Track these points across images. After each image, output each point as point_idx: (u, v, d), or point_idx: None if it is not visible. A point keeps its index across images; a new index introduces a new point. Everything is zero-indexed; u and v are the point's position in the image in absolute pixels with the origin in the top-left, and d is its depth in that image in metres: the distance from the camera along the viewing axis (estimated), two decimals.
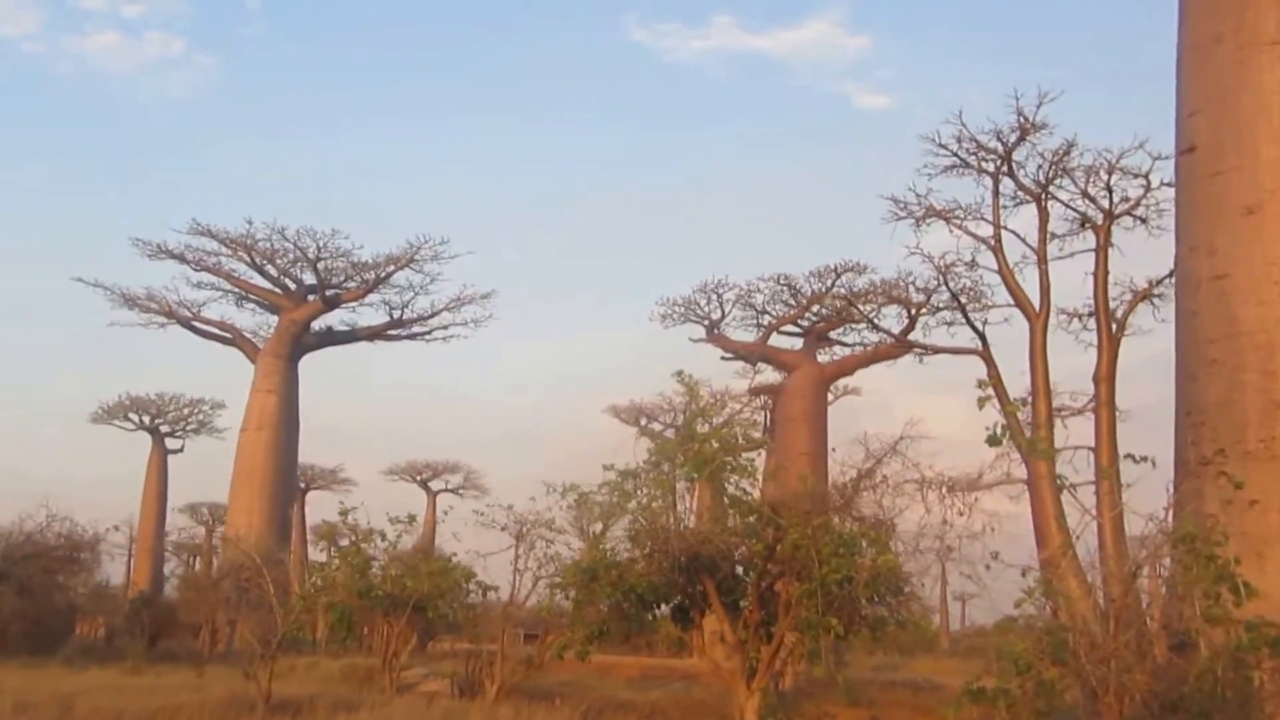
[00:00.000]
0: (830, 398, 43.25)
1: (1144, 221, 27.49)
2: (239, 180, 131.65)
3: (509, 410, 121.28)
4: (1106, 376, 26.30)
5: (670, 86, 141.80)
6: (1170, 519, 11.23)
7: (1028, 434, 24.78)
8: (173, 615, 39.05)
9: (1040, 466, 24.33)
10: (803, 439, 38.71)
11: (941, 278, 30.62)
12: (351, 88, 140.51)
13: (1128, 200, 27.23)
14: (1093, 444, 25.56)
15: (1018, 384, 27.43)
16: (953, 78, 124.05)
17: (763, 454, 37.67)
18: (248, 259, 47.43)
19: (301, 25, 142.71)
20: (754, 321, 42.80)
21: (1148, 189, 26.90)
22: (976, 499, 16.06)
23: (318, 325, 49.46)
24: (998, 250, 28.02)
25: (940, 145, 27.93)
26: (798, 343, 42.80)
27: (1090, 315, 27.68)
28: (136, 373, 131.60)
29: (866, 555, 14.91)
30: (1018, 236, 28.20)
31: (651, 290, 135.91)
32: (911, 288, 35.08)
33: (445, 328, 50.03)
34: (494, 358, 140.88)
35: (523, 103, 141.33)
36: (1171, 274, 21.83)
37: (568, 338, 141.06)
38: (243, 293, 48.95)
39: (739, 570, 16.19)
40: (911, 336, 36.07)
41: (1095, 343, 26.90)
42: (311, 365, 50.66)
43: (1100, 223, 27.28)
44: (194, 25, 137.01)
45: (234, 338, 49.62)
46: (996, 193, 28.15)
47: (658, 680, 27.10)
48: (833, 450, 19.82)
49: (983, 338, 29.71)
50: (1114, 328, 26.71)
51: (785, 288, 41.49)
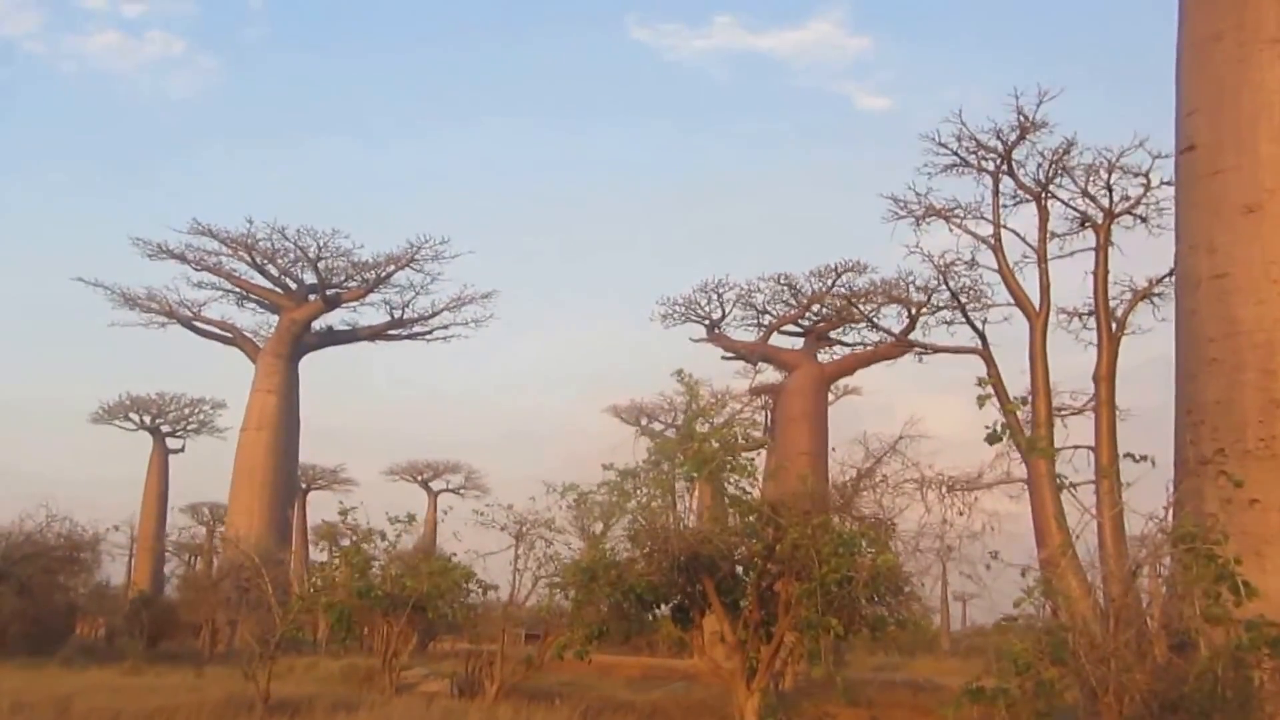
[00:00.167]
0: (831, 397, 43.19)
1: (1144, 220, 27.51)
2: (240, 181, 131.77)
3: (510, 410, 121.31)
4: (1106, 376, 26.31)
5: (671, 86, 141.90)
6: (1170, 518, 11.22)
7: (1028, 433, 24.77)
8: (173, 615, 39.01)
9: (1040, 466, 24.35)
10: (803, 439, 38.65)
11: (941, 277, 30.66)
12: (353, 89, 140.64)
13: (1128, 199, 27.26)
14: (1093, 443, 25.56)
15: (1018, 383, 27.45)
16: (954, 79, 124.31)
17: (763, 453, 37.86)
18: (248, 259, 47.40)
19: (304, 26, 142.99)
20: (754, 321, 42.75)
21: (1148, 188, 26.94)
22: (976, 498, 16.10)
23: (318, 325, 49.43)
24: (997, 249, 28.03)
25: (940, 144, 27.96)
26: (798, 342, 42.73)
27: (1090, 314, 27.69)
28: (137, 373, 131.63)
29: (866, 555, 14.89)
30: (1018, 235, 28.25)
31: (653, 290, 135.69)
32: (911, 287, 35.12)
33: (446, 327, 50.05)
34: (495, 358, 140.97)
35: (523, 102, 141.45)
36: (1171, 273, 21.84)
37: (569, 338, 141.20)
38: (243, 292, 48.91)
39: (739, 570, 16.17)
40: (912, 336, 36.08)
41: (1095, 342, 26.92)
42: (312, 365, 50.69)
43: (1100, 222, 27.28)
44: (195, 25, 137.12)
45: (234, 337, 49.59)
46: (996, 192, 28.18)
47: (658, 680, 27.08)
48: (833, 450, 19.85)
49: (982, 337, 29.73)
50: (1114, 327, 26.71)
51: (786, 287, 41.42)
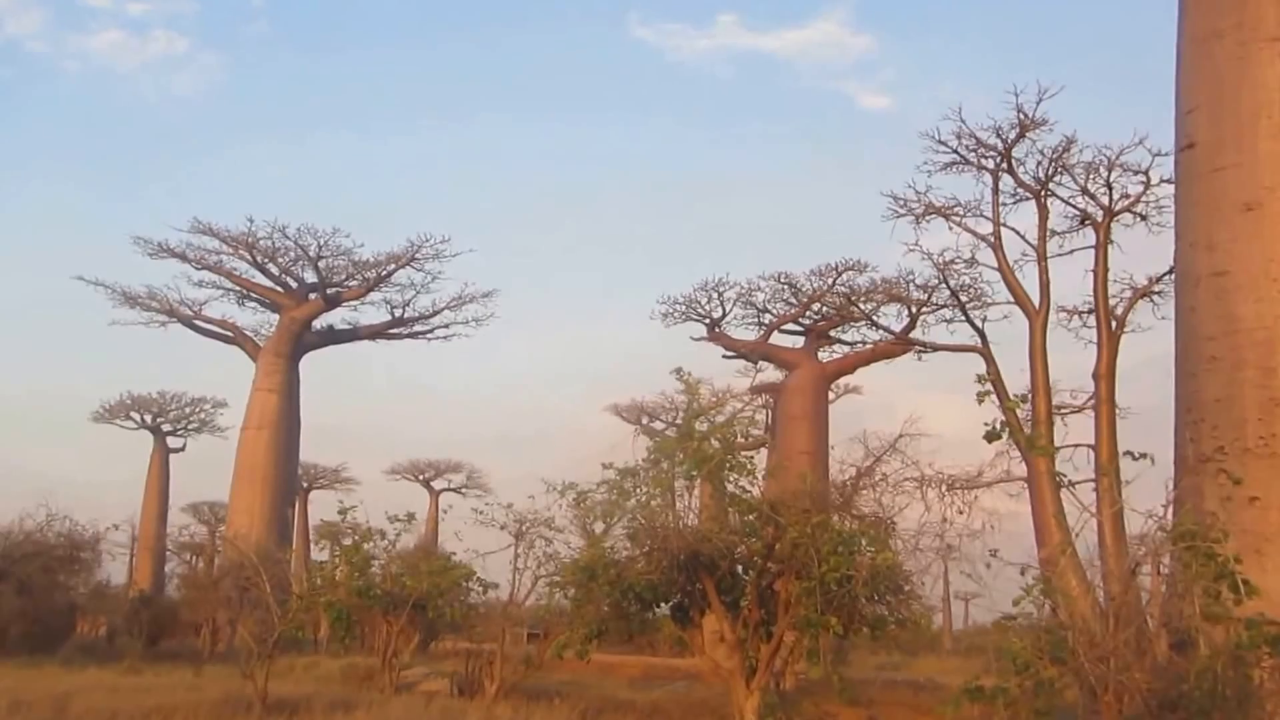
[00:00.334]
0: (831, 396, 43.18)
1: (1144, 218, 27.49)
2: (242, 179, 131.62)
3: (511, 409, 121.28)
4: (1106, 374, 26.29)
5: (673, 86, 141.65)
6: (1169, 516, 11.20)
7: (1027, 431, 24.76)
8: (174, 614, 38.98)
9: (1040, 464, 24.37)
10: (804, 437, 38.65)
11: (941, 275, 30.64)
12: (355, 86, 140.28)
13: (1127, 197, 27.24)
14: (1092, 441, 25.55)
15: (1017, 381, 27.43)
16: (957, 78, 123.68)
17: (764, 452, 37.84)
18: (249, 257, 47.31)
19: (305, 24, 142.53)
20: (755, 320, 42.68)
21: (1147, 185, 26.91)
22: (976, 497, 16.16)
23: (319, 324, 49.33)
24: (997, 247, 28.01)
25: (940, 142, 27.94)
26: (799, 341, 42.68)
27: (1090, 312, 27.67)
28: (138, 371, 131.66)
29: (866, 554, 14.87)
30: (1017, 234, 28.24)
31: (654, 289, 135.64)
32: (911, 286, 35.09)
33: (447, 326, 49.91)
34: (496, 356, 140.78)
35: (525, 101, 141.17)
36: (1171, 271, 21.80)
37: (570, 337, 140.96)
38: (244, 291, 48.84)
39: (738, 569, 16.14)
40: (912, 335, 36.06)
41: (1095, 340, 26.91)
42: (314, 364, 50.58)
43: (1100, 220, 27.26)
44: (198, 24, 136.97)
45: (235, 336, 49.54)
46: (996, 190, 28.15)
47: (660, 680, 27.02)
48: (832, 449, 19.85)
49: (982, 335, 29.71)
50: (1114, 325, 26.70)
51: (786, 286, 41.34)
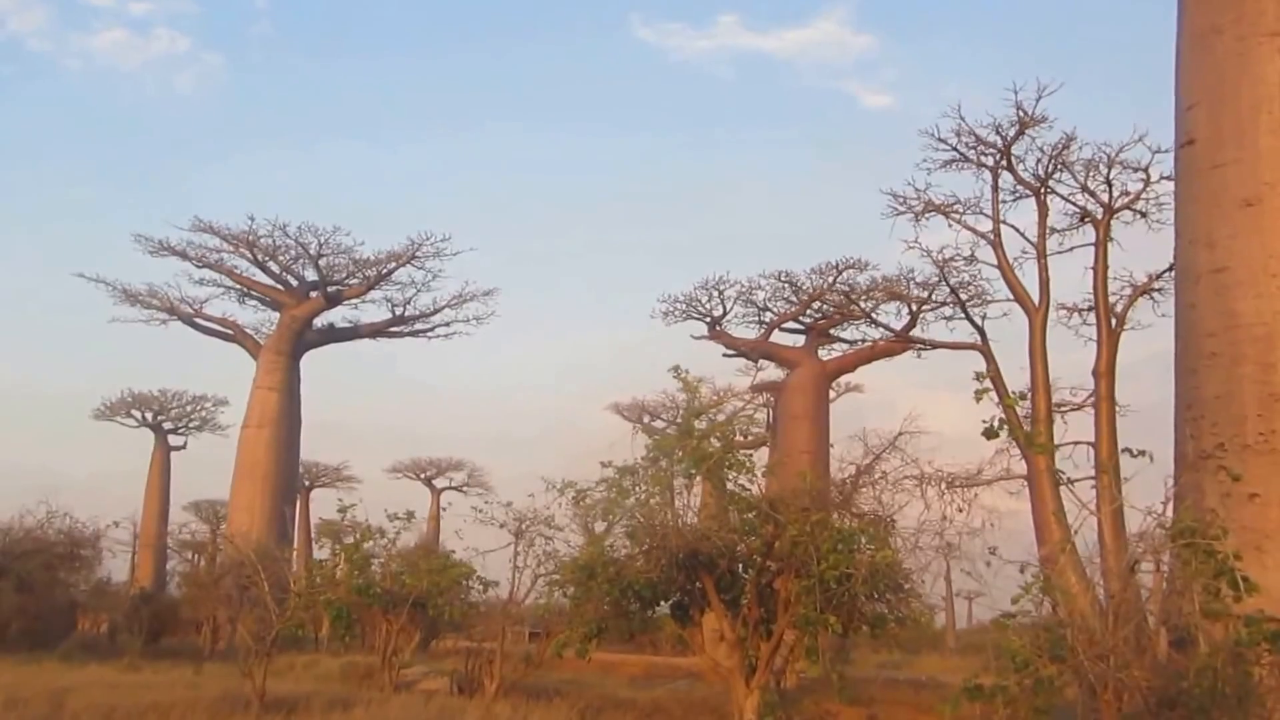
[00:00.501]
0: (832, 395, 43.16)
1: (1144, 215, 27.49)
2: (243, 178, 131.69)
3: (512, 407, 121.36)
4: (1106, 371, 26.29)
5: (675, 86, 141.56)
6: (1169, 513, 11.16)
7: (1027, 428, 24.73)
8: (175, 612, 39.02)
9: (1040, 461, 24.36)
10: (805, 436, 38.62)
11: (941, 273, 30.62)
12: (358, 88, 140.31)
13: (1127, 194, 27.23)
14: (1092, 439, 25.53)
15: (1017, 379, 27.44)
16: (958, 77, 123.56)
17: (765, 450, 37.82)
18: (249, 256, 47.26)
19: (309, 25, 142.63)
20: (755, 318, 42.66)
21: (1147, 183, 26.91)
22: (976, 494, 16.11)
23: (320, 322, 49.28)
24: (997, 245, 28.00)
25: (939, 139, 27.92)
26: (799, 339, 42.64)
27: (1090, 310, 27.67)
28: (139, 369, 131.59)
29: (865, 551, 14.84)
30: (1017, 231, 28.25)
31: (655, 287, 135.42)
32: (912, 284, 35.07)
33: (448, 325, 49.86)
34: (497, 355, 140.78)
35: (525, 101, 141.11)
36: (1171, 268, 21.78)
37: (571, 336, 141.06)
38: (245, 289, 48.79)
39: (738, 567, 16.11)
40: (912, 333, 36.04)
41: (1095, 337, 26.91)
42: (315, 362, 50.51)
43: (1100, 217, 27.25)
44: (201, 23, 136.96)
45: (236, 334, 49.50)
46: (996, 187, 28.15)
47: (662, 678, 26.99)
48: (833, 447, 19.82)
49: (982, 333, 29.74)
50: (1114, 322, 26.70)
51: (787, 284, 41.31)
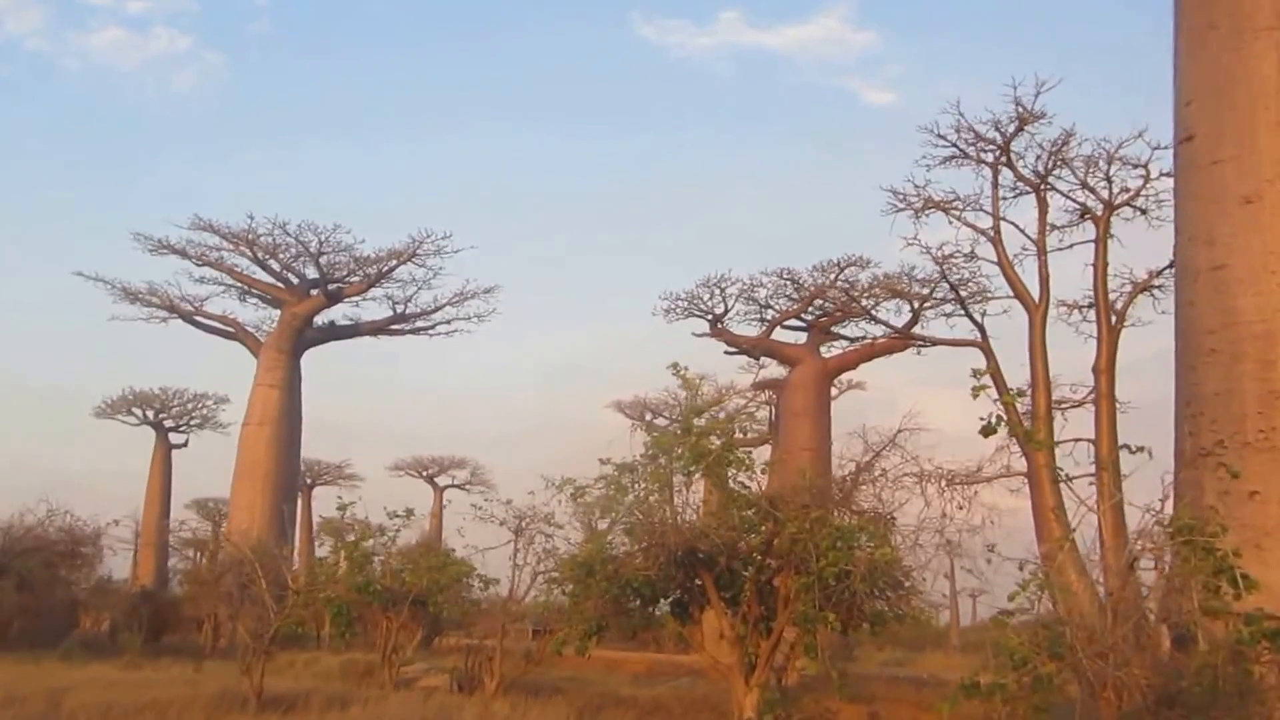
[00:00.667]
0: (834, 392, 43.19)
1: (1144, 212, 27.46)
2: (243, 177, 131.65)
3: (514, 405, 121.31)
4: (1106, 368, 26.26)
5: (676, 83, 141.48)
6: (1168, 511, 11.15)
7: (1026, 425, 24.72)
8: (176, 610, 39.05)
9: (1040, 459, 24.31)
10: (806, 433, 38.67)
11: (941, 270, 30.60)
12: (358, 85, 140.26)
13: (1127, 191, 27.21)
14: (1092, 436, 25.51)
15: (1017, 376, 27.44)
16: (960, 73, 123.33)
17: (767, 448, 37.79)
18: (250, 254, 47.28)
19: (308, 23, 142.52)
20: (757, 316, 42.70)
21: (1147, 179, 26.88)
22: (976, 492, 16.05)
23: (320, 320, 49.33)
24: (997, 242, 27.97)
25: (939, 136, 27.88)
26: (801, 337, 42.68)
27: (1090, 307, 27.64)
28: (141, 367, 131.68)
29: (865, 548, 14.81)
30: (1017, 228, 28.23)
31: (656, 285, 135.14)
32: (912, 281, 35.07)
33: (449, 322, 49.95)
34: (499, 352, 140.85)
35: (526, 100, 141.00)
36: (1171, 265, 21.75)
37: (573, 333, 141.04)
38: (245, 287, 48.81)
39: (737, 565, 16.09)
40: (913, 330, 36.03)
41: (1095, 334, 26.88)
42: (317, 360, 50.52)
43: (1100, 213, 27.21)
44: (200, 22, 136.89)
45: (236, 332, 49.53)
46: (995, 184, 28.11)
47: (663, 676, 26.98)
48: (834, 445, 19.79)
49: (982, 330, 29.72)
50: (1114, 319, 26.67)
51: (788, 282, 41.36)
